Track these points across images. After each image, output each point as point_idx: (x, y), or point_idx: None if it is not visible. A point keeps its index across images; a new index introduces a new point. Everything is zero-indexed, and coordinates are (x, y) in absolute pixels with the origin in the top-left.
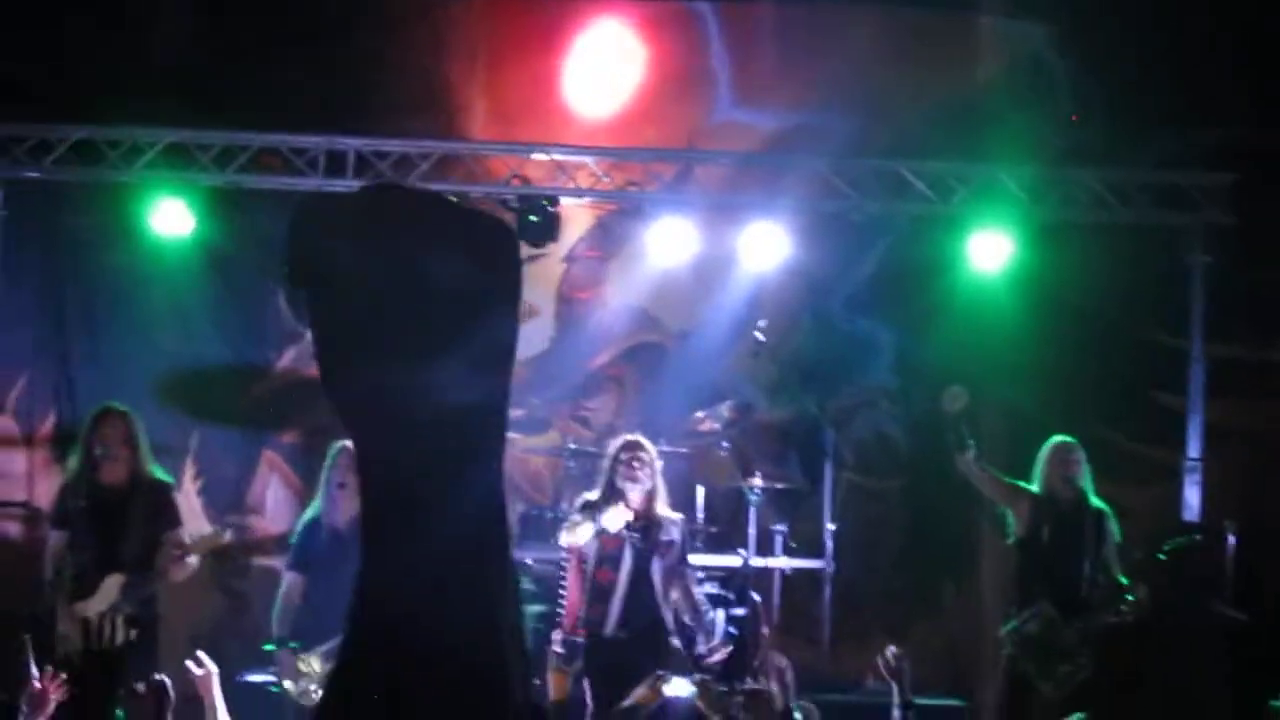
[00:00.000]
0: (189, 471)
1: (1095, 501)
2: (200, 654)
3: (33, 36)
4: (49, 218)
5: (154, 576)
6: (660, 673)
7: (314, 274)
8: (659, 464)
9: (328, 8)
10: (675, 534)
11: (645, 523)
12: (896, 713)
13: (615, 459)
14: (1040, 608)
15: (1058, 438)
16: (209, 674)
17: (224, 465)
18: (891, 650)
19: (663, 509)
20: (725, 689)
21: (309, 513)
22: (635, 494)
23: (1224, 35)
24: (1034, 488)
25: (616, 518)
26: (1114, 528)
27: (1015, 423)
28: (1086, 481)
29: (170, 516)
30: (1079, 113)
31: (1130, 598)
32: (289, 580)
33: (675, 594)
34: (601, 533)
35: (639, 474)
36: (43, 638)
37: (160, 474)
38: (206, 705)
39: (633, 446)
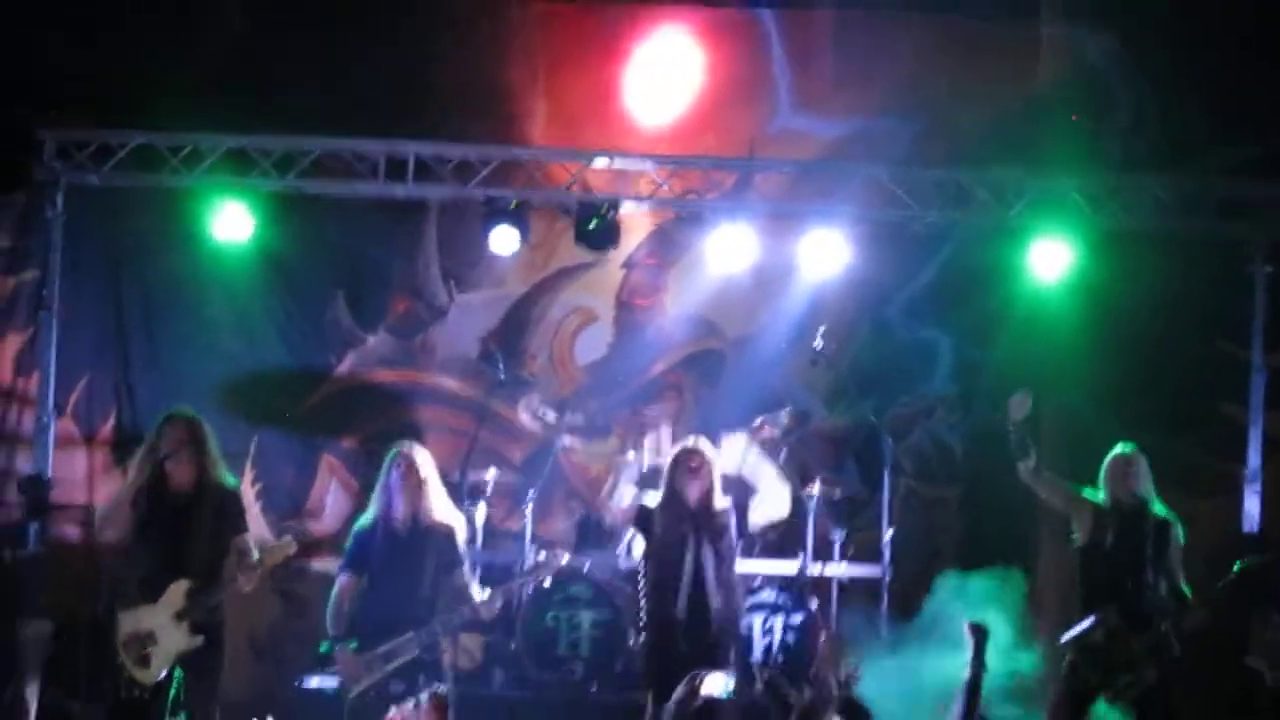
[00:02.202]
0: (248, 475)
1: (1159, 510)
2: None
3: (94, 42)
4: (109, 222)
5: (221, 585)
6: (697, 671)
7: None
8: (716, 467)
9: (389, 14)
10: (728, 519)
11: (703, 518)
12: (968, 671)
13: (675, 462)
14: (1104, 615)
15: (1118, 448)
16: None
17: (283, 470)
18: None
19: (719, 502)
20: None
21: (365, 516)
22: (694, 491)
23: None
24: (1098, 496)
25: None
26: (1179, 535)
27: (1076, 431)
28: (1150, 490)
29: (236, 522)
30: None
31: (1185, 621)
32: (342, 582)
33: (726, 579)
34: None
35: (699, 473)
36: (102, 643)
37: (229, 479)
38: None
39: (690, 451)
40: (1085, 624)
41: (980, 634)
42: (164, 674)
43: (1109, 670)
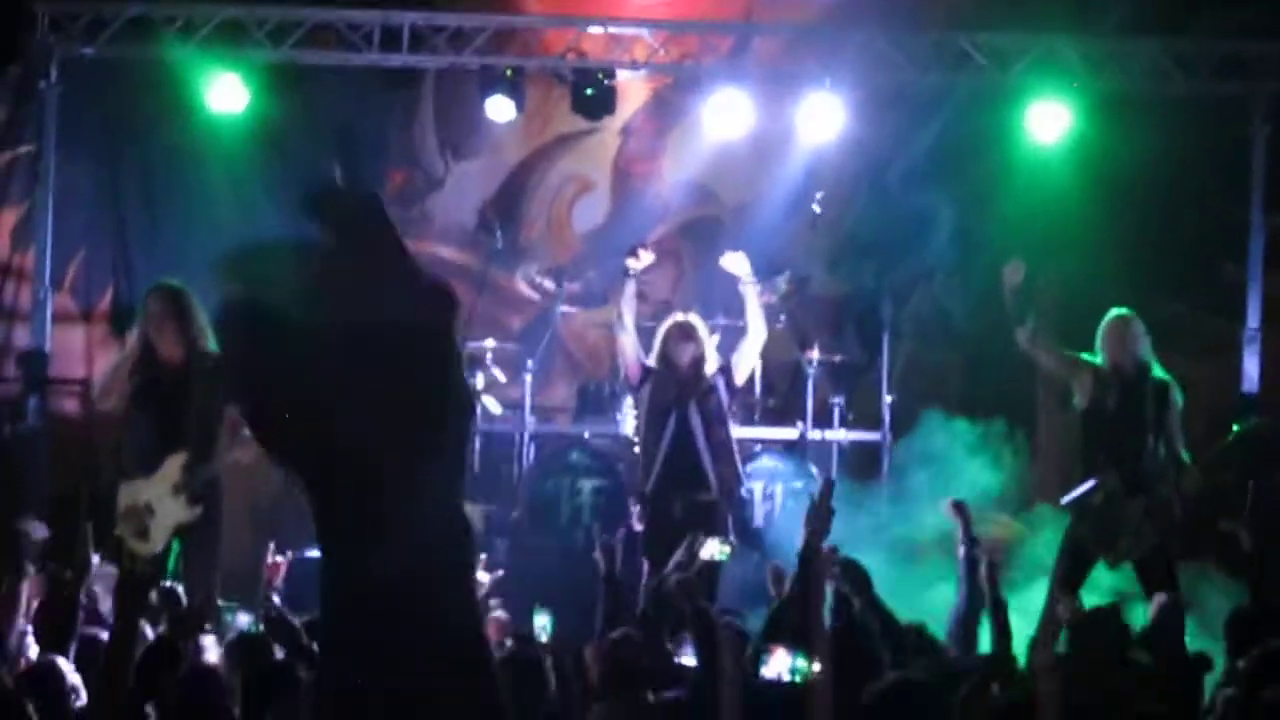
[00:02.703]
0: None
1: (1158, 373)
2: None
3: None
4: (104, 95)
5: (217, 457)
6: (694, 536)
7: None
8: (713, 337)
9: None
10: (716, 381)
11: (690, 382)
12: (961, 549)
13: (666, 334)
14: (1104, 479)
15: (1115, 311)
16: None
17: None
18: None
19: (709, 367)
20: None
21: None
22: (686, 355)
23: None
24: (1097, 360)
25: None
26: (1177, 398)
27: (1075, 294)
28: (1148, 353)
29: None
30: None
31: (1183, 483)
32: None
33: (717, 440)
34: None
35: (692, 337)
36: (103, 517)
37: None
38: None
39: (680, 326)
40: (1085, 487)
41: (963, 511)
42: (162, 546)
43: (1109, 533)
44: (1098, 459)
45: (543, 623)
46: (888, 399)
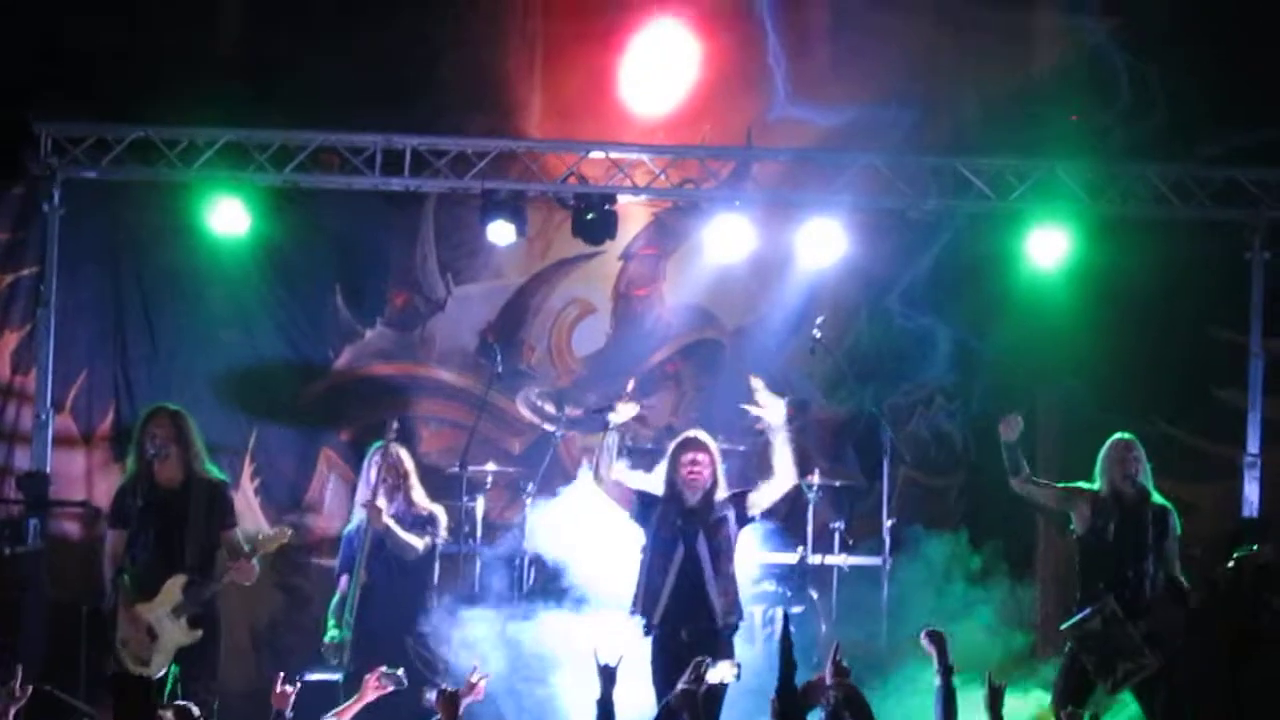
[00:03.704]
0: (247, 469)
1: (1157, 498)
2: None
3: (90, 37)
4: (107, 217)
5: (217, 579)
6: (701, 659)
7: None
8: (719, 459)
9: (386, 5)
10: (725, 511)
11: (701, 514)
12: (937, 679)
13: (674, 459)
14: (1104, 604)
15: (1117, 435)
16: None
17: (282, 463)
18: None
19: (719, 496)
20: None
21: (352, 521)
22: (694, 490)
23: None
24: (1094, 486)
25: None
26: (1176, 524)
27: (1074, 419)
28: (1147, 478)
29: (226, 514)
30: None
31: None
32: (343, 584)
33: (723, 574)
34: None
35: (698, 477)
36: (104, 637)
37: (215, 472)
38: None
39: (690, 446)
40: (1084, 612)
41: (939, 640)
42: (162, 670)
43: (1108, 658)
44: (1096, 584)
45: None
46: (888, 523)
